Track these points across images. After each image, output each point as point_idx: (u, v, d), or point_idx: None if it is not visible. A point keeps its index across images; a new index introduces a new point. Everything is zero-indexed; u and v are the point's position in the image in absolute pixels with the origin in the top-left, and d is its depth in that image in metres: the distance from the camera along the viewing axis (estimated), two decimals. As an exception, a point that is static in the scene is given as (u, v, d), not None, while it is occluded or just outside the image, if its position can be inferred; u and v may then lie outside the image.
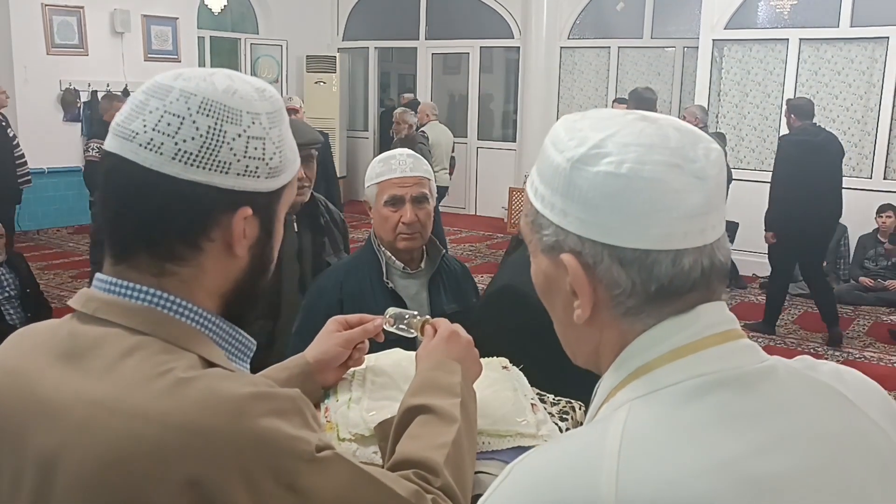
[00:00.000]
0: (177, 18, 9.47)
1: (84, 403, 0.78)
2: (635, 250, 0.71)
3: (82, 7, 8.70)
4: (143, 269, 0.84)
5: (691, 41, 8.53)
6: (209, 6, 8.45)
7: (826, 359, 5.37)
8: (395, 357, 1.39)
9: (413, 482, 0.92)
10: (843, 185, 5.90)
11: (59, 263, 7.59)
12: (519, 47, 10.17)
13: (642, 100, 6.06)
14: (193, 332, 0.85)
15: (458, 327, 1.25)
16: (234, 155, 0.83)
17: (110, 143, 0.84)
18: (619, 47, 9.72)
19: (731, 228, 6.97)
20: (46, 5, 8.44)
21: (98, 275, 0.86)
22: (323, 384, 1.28)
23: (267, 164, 0.86)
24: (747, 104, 7.89)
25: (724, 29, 7.90)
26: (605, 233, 0.71)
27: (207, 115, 0.82)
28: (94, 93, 8.54)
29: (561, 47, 10.00)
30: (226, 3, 8.19)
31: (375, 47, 11.57)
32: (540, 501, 0.65)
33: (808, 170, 5.55)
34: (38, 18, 8.40)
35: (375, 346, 1.36)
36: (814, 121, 5.86)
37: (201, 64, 9.93)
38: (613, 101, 8.04)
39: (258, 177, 0.85)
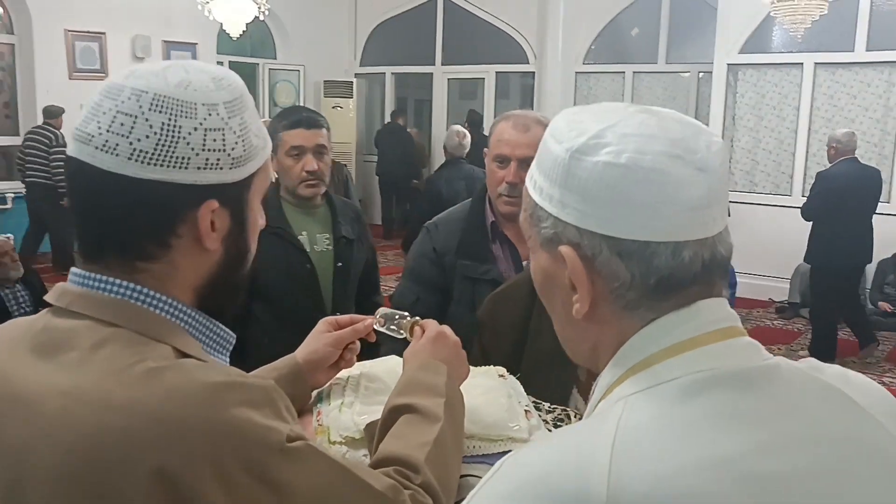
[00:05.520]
0: (196, 44, 9.61)
1: (56, 395, 0.78)
2: (634, 242, 0.69)
3: (104, 33, 8.85)
4: (114, 269, 0.84)
5: (706, 66, 8.55)
6: (228, 32, 8.56)
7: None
8: (390, 364, 1.39)
9: (392, 478, 0.91)
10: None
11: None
12: (534, 72, 10.22)
13: None
14: (167, 324, 0.85)
15: (446, 328, 1.24)
16: (192, 149, 0.82)
17: (71, 148, 0.84)
18: (633, 72, 9.75)
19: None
20: (69, 31, 8.59)
21: (73, 269, 0.86)
22: (314, 385, 1.27)
23: (229, 154, 0.84)
24: (762, 128, 7.87)
25: (739, 53, 7.90)
26: (604, 224, 0.70)
27: (160, 112, 0.81)
28: (114, 116, 8.65)
29: (576, 72, 10.05)
30: (244, 30, 8.28)
31: (392, 73, 11.67)
32: (530, 495, 0.63)
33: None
34: (61, 43, 8.55)
35: (367, 348, 1.36)
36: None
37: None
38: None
39: (221, 168, 0.84)
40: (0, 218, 7.76)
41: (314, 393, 1.31)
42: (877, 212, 6.88)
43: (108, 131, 0.81)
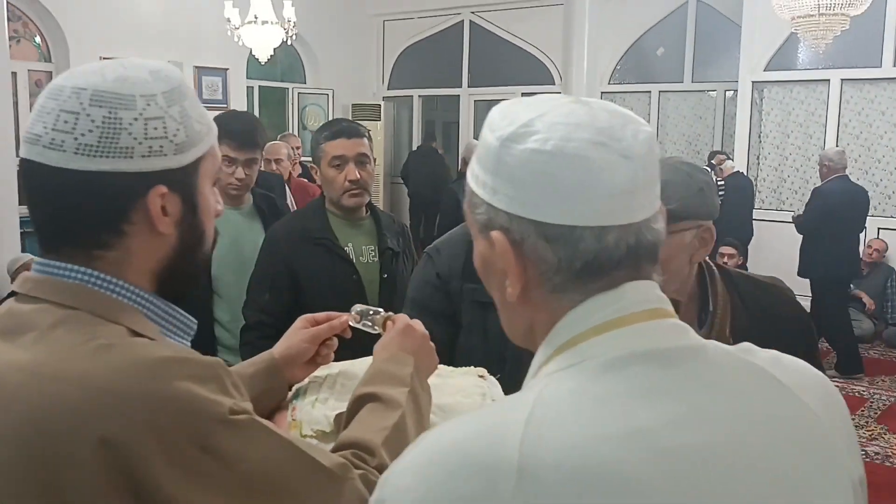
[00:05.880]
0: (227, 69, 9.81)
1: (14, 371, 0.82)
2: (560, 226, 0.72)
3: (138, 59, 9.09)
4: (72, 257, 0.89)
5: (733, 84, 8.51)
6: (257, 57, 8.78)
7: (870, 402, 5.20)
8: (369, 363, 1.42)
9: (346, 459, 0.94)
10: (890, 227, 5.97)
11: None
12: (560, 93, 10.22)
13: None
14: (122, 306, 0.89)
15: (415, 322, 1.28)
16: (135, 139, 0.86)
17: (22, 150, 0.89)
18: (660, 91, 9.73)
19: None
20: (104, 58, 8.81)
21: (35, 259, 0.92)
22: (291, 380, 1.30)
23: (171, 141, 0.89)
24: (789, 146, 7.80)
25: (764, 71, 7.87)
26: (532, 209, 0.72)
27: (100, 106, 0.85)
28: (147, 140, 8.84)
29: (602, 92, 10.04)
30: (272, 54, 8.46)
31: (419, 95, 11.78)
32: (445, 465, 0.65)
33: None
34: (96, 70, 8.79)
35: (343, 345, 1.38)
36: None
37: (250, 111, 10.26)
38: None
39: (165, 155, 0.88)
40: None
41: (293, 388, 1.34)
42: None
43: (53, 129, 0.85)
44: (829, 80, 7.56)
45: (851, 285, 6.94)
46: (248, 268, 2.60)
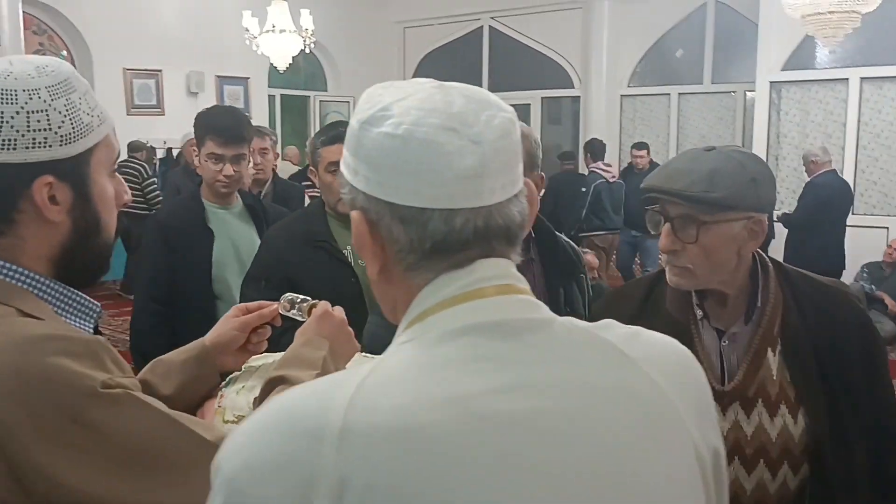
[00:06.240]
0: (248, 78, 9.97)
1: None
2: (411, 208, 0.74)
3: (160, 70, 9.27)
4: None
5: (752, 85, 8.43)
6: (276, 66, 8.92)
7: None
8: (304, 353, 1.45)
9: None
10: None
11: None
12: (580, 97, 10.23)
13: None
14: (13, 289, 0.92)
15: (336, 309, 1.30)
16: (17, 131, 0.90)
17: None
18: (679, 94, 9.66)
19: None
20: (128, 69, 9.02)
21: None
22: (222, 367, 1.33)
23: (56, 133, 0.92)
24: (808, 145, 7.69)
25: (782, 70, 7.78)
26: (386, 191, 0.75)
27: None
28: (170, 150, 9.02)
29: (621, 95, 10.02)
30: (291, 63, 8.57)
31: (440, 101, 11.82)
32: (276, 426, 0.68)
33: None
34: (120, 82, 8.97)
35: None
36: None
37: (272, 119, 10.41)
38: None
39: (50, 146, 0.92)
40: None
41: (228, 377, 1.38)
42: None
43: None
44: (847, 80, 7.45)
45: (872, 286, 6.83)
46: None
